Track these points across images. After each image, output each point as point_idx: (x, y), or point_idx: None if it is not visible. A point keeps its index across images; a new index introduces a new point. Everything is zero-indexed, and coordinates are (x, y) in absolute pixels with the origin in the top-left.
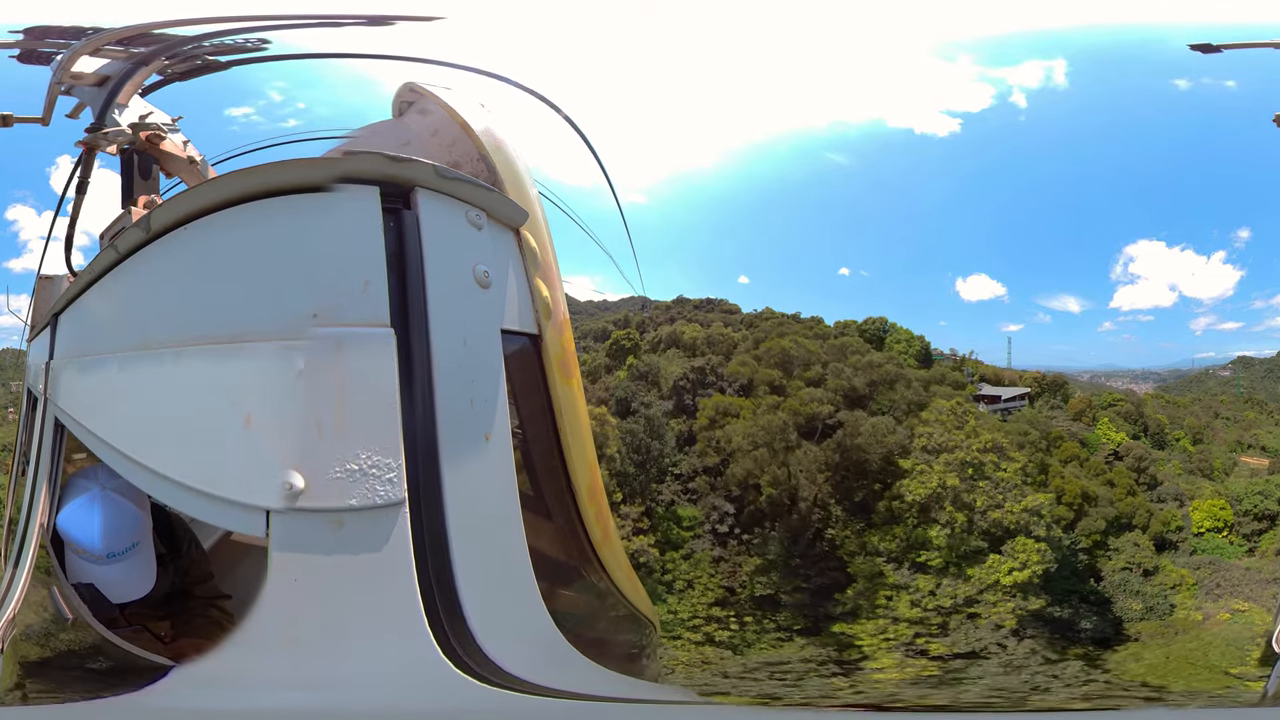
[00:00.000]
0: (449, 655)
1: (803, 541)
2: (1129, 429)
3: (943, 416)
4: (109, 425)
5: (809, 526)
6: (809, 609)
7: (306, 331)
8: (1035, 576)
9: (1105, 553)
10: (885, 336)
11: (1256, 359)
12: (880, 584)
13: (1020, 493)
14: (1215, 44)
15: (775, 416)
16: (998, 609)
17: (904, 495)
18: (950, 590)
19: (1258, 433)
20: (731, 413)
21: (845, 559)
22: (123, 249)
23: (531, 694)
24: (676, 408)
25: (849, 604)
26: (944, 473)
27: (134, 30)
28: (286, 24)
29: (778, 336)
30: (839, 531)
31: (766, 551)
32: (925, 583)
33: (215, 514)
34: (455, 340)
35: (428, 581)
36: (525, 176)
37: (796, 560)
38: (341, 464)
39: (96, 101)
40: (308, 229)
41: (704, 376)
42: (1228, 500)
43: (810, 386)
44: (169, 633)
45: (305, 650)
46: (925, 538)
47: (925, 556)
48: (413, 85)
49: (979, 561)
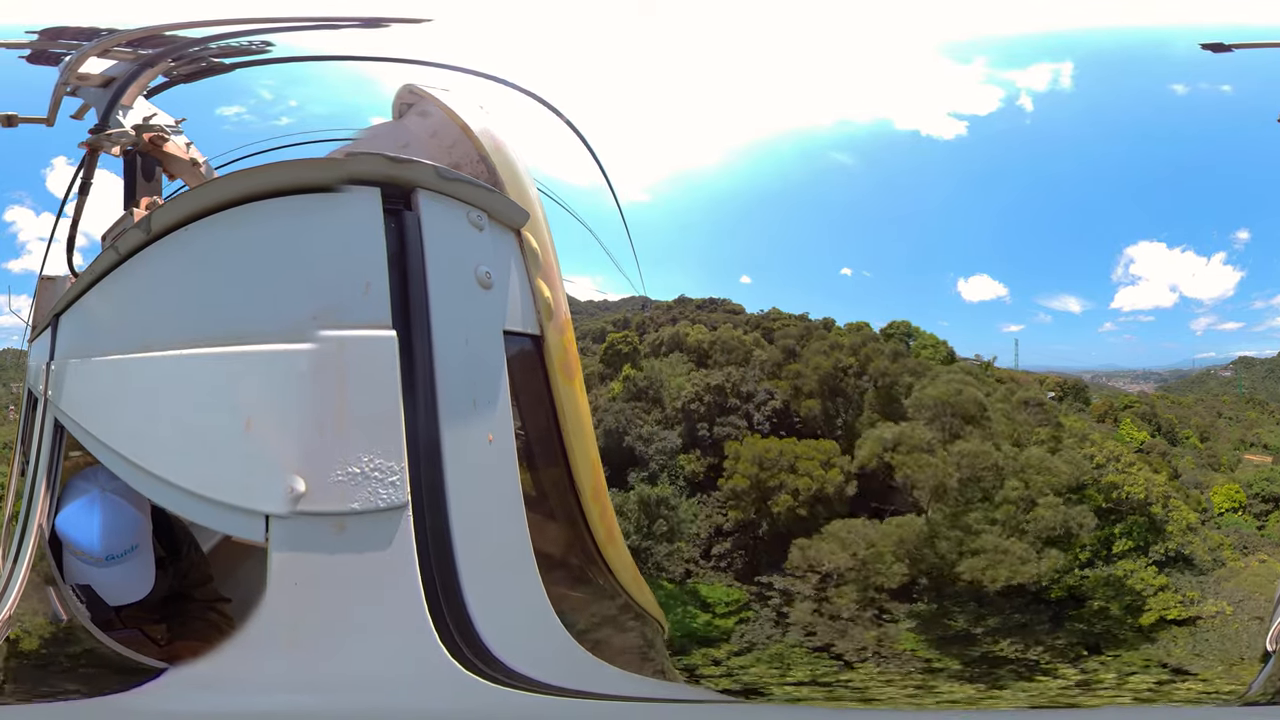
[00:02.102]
0: (456, 656)
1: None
2: (1147, 428)
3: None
4: (108, 427)
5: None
6: (1068, 651)
7: (308, 333)
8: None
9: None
10: (911, 342)
11: (1258, 359)
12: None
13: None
14: (1227, 44)
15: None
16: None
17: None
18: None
19: (1259, 432)
20: (789, 466)
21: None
22: (123, 250)
23: (542, 693)
24: (687, 437)
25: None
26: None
27: (145, 32)
28: (285, 26)
29: (812, 350)
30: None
31: (945, 624)
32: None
33: (215, 518)
34: (457, 341)
35: (432, 583)
36: (525, 177)
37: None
38: (343, 467)
39: (101, 102)
40: (309, 230)
41: (724, 399)
42: (1240, 485)
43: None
44: (165, 636)
45: (307, 653)
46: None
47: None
48: (412, 87)
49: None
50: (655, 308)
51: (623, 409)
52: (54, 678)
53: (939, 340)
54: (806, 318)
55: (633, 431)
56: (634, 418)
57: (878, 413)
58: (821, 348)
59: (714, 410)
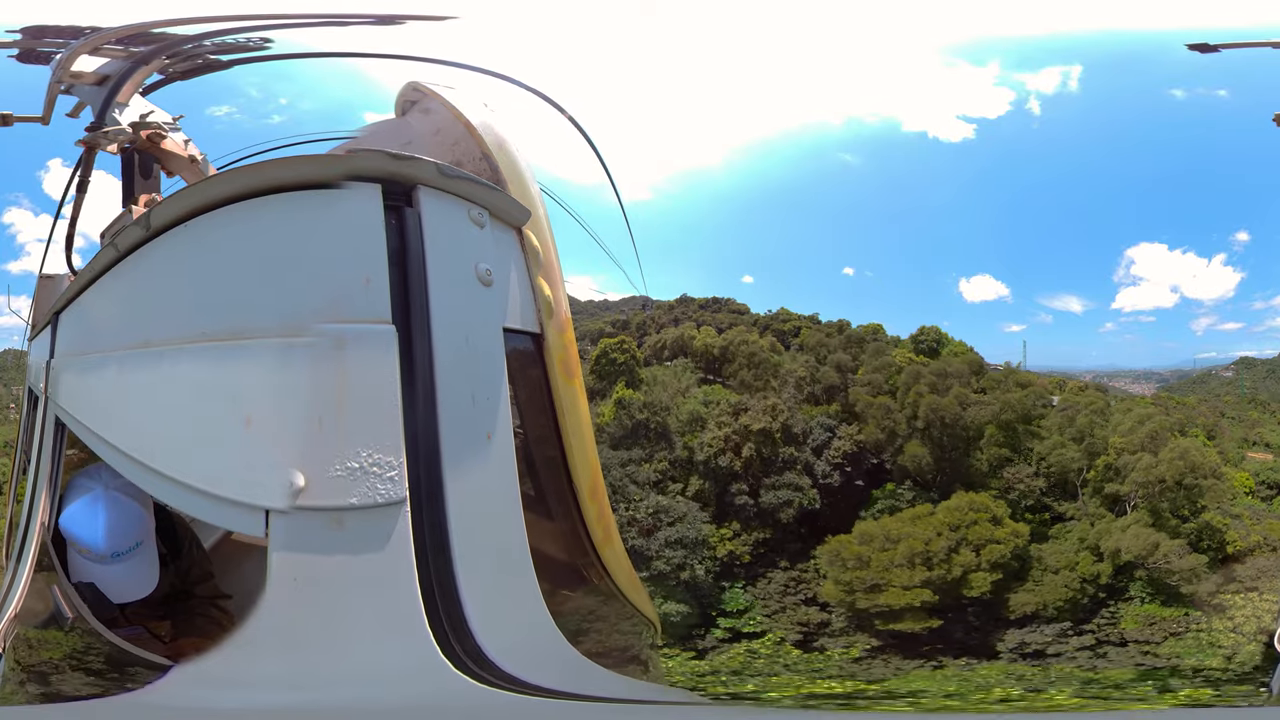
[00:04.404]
0: (449, 655)
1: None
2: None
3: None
4: (109, 424)
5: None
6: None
7: (307, 328)
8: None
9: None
10: (940, 349)
11: (1258, 359)
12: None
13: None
14: (1213, 44)
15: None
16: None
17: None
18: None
19: (1261, 431)
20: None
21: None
22: (122, 247)
23: (531, 694)
24: (716, 504)
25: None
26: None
27: (133, 29)
28: (289, 23)
29: (873, 365)
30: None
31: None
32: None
33: (215, 513)
34: (457, 338)
35: (428, 581)
36: (528, 175)
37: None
38: (342, 462)
39: (96, 100)
40: (309, 226)
41: (771, 447)
42: (1250, 474)
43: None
44: (169, 632)
45: (305, 650)
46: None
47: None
48: (416, 84)
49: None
50: (656, 307)
51: (610, 460)
52: (61, 676)
53: (968, 348)
54: (817, 319)
55: (626, 495)
56: (630, 472)
57: (1006, 449)
58: (893, 365)
59: (757, 467)
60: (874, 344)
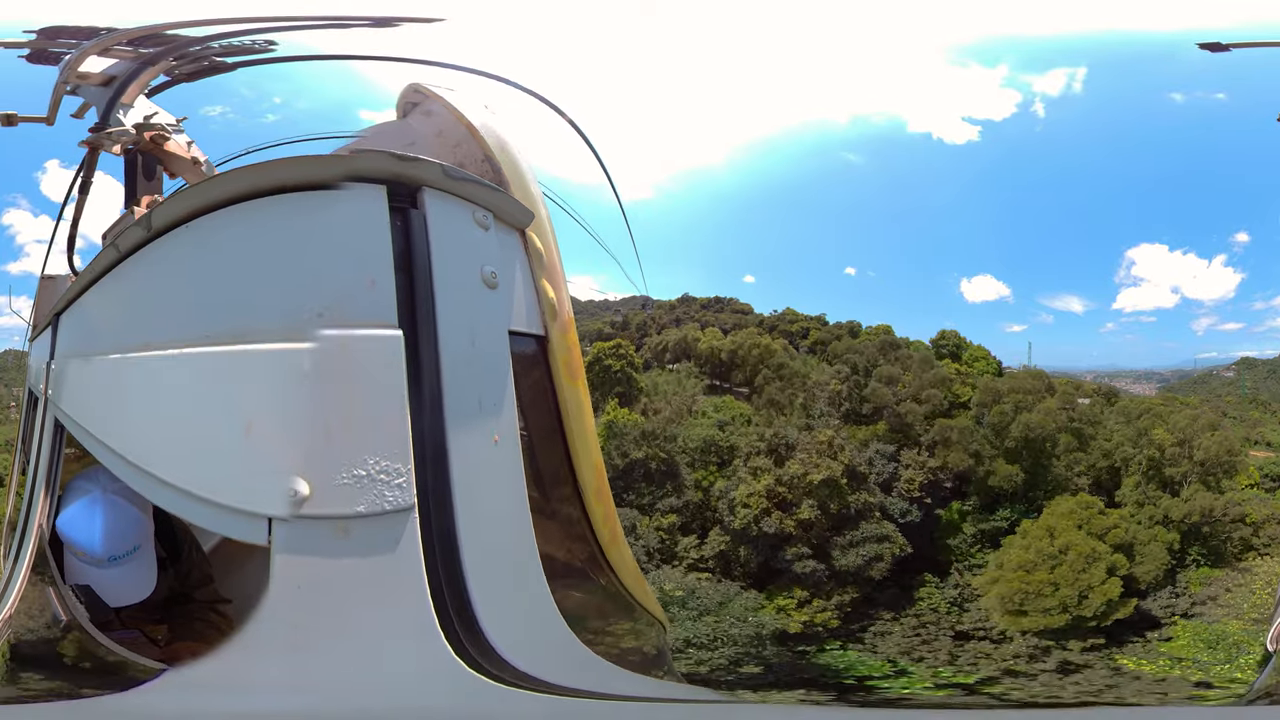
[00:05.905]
0: (463, 657)
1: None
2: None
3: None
4: (108, 427)
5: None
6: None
7: (312, 332)
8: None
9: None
10: (961, 354)
11: (1259, 360)
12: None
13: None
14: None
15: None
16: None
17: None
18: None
19: (1262, 430)
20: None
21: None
22: (123, 248)
23: (548, 693)
24: (761, 569)
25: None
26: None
27: (145, 31)
28: (291, 26)
29: (925, 379)
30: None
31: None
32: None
33: (216, 521)
34: (464, 341)
35: (439, 585)
36: (530, 177)
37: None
38: (349, 469)
39: (101, 101)
40: (313, 227)
41: (841, 507)
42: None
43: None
44: (165, 637)
45: (307, 655)
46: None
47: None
48: (417, 86)
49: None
50: (657, 307)
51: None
52: (54, 678)
53: (987, 353)
54: (824, 319)
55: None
56: (628, 521)
57: (1080, 452)
58: (945, 378)
59: (823, 526)
60: (920, 355)
